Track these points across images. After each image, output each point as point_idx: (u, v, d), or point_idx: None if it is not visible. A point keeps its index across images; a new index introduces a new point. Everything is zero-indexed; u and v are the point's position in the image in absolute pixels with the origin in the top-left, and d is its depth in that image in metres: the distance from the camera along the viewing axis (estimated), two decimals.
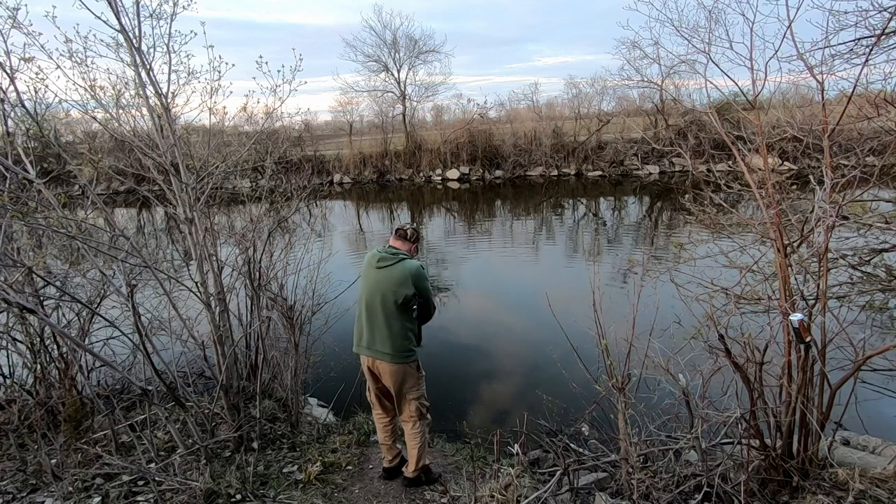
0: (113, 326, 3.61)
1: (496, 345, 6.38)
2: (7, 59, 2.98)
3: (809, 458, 2.64)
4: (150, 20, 3.13)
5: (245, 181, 5.49)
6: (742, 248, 3.51)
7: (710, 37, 3.06)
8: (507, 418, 4.52)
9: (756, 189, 2.80)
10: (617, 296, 3.21)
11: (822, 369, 2.52)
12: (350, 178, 24.16)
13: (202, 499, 2.79)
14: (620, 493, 2.87)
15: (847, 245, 3.61)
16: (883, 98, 2.95)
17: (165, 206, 3.60)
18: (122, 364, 3.84)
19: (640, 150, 21.63)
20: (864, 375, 2.77)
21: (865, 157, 3.21)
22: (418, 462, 3.13)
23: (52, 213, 2.99)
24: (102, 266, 3.37)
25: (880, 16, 3.06)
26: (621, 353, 2.82)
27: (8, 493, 2.91)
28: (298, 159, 20.71)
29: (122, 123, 3.40)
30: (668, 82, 17.76)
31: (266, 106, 3.93)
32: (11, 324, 3.76)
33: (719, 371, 2.71)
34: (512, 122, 24.51)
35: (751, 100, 2.91)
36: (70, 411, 3.54)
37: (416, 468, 3.15)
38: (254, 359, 4.20)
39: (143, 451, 3.13)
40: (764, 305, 3.23)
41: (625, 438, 2.84)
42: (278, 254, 4.41)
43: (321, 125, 29.78)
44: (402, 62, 24.90)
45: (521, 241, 12.19)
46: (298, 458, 3.52)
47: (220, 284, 3.59)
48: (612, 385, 2.80)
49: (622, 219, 14.70)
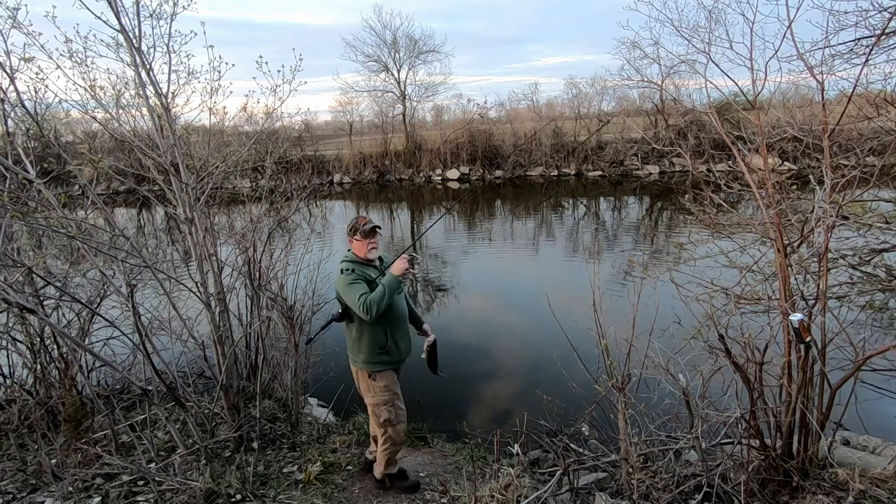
0: (113, 326, 3.61)
1: (496, 345, 6.38)
2: (7, 59, 2.98)
3: (809, 458, 2.64)
4: (150, 20, 3.13)
5: (245, 181, 5.49)
6: (742, 248, 3.51)
7: (710, 37, 3.06)
8: (507, 418, 4.52)
9: (756, 189, 2.80)
10: (617, 296, 3.20)
11: (822, 369, 2.52)
12: (350, 178, 24.16)
13: (202, 499, 2.79)
14: (620, 493, 2.87)
15: (847, 245, 3.61)
16: (883, 98, 2.95)
17: (165, 206, 3.60)
18: (122, 364, 3.85)
19: (640, 150, 21.63)
20: (864, 375, 2.77)
21: (865, 157, 3.21)
22: (383, 466, 3.16)
23: (52, 213, 2.99)
24: (102, 266, 3.37)
25: (880, 16, 3.06)
26: (621, 353, 2.82)
27: (8, 493, 2.91)
28: (298, 159, 20.70)
29: (122, 123, 3.40)
30: (668, 82, 17.77)
31: (266, 106, 3.93)
32: (11, 324, 3.76)
33: (719, 371, 2.71)
34: (512, 122, 24.51)
35: (751, 100, 2.91)
36: (70, 411, 3.54)
37: (381, 472, 3.19)
38: (254, 359, 4.20)
39: (143, 451, 3.13)
40: (764, 305, 3.23)
41: (625, 438, 2.84)
42: (278, 254, 4.41)
43: (321, 125, 29.81)
44: (402, 62, 24.92)
45: (521, 241, 12.19)
46: (298, 458, 3.52)
47: (220, 284, 3.59)
48: (612, 385, 2.80)
49: (622, 219, 14.69)
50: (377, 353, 2.90)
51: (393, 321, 2.93)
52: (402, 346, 3.00)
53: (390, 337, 2.92)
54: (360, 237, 2.88)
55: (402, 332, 3.01)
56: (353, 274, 2.81)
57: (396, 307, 2.94)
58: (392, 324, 2.92)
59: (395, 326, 2.94)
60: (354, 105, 26.62)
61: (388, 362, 2.95)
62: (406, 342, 3.04)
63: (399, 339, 2.97)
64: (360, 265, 2.90)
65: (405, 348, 3.04)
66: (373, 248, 2.93)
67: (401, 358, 3.03)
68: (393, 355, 2.95)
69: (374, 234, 2.92)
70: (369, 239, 2.90)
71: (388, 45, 24.78)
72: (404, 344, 3.02)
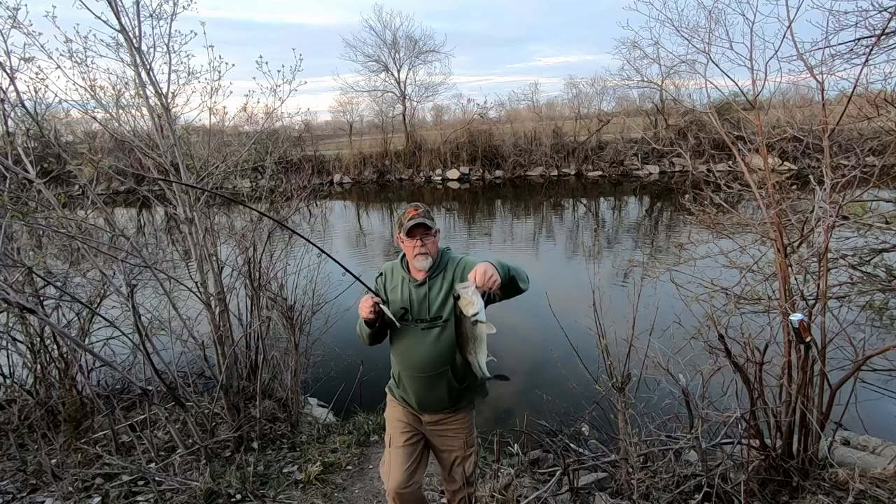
0: (113, 326, 3.61)
1: (496, 344, 6.36)
2: (7, 59, 2.99)
3: (809, 458, 2.64)
4: (150, 20, 3.14)
5: (245, 181, 5.49)
6: (742, 248, 3.50)
7: (710, 37, 3.06)
8: (508, 418, 4.52)
9: (756, 189, 2.80)
10: (617, 296, 3.19)
11: (822, 369, 2.52)
12: (350, 178, 24.16)
13: (202, 499, 2.79)
14: (620, 493, 2.87)
15: (847, 245, 3.60)
16: (883, 98, 2.94)
17: (165, 206, 3.60)
18: (122, 364, 3.84)
19: (640, 150, 21.63)
20: (864, 375, 2.77)
21: (865, 157, 3.20)
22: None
23: (52, 213, 2.99)
24: (102, 266, 3.37)
25: (880, 16, 3.06)
26: (621, 353, 2.82)
27: (8, 493, 2.91)
28: (298, 159, 20.69)
29: (122, 123, 3.40)
30: (668, 82, 17.74)
31: (266, 106, 3.94)
32: (11, 324, 3.76)
33: (719, 371, 2.71)
34: (512, 122, 24.53)
35: (751, 100, 2.91)
36: (70, 411, 3.54)
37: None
38: (254, 359, 4.20)
39: (143, 451, 3.13)
40: (764, 305, 3.23)
41: (625, 438, 2.84)
42: (278, 254, 4.42)
43: (321, 125, 29.87)
44: (402, 62, 24.97)
45: (521, 240, 12.18)
46: (298, 458, 3.52)
47: (220, 284, 3.59)
48: (612, 385, 2.80)
49: (622, 219, 14.69)
50: (393, 380, 2.24)
51: (402, 365, 2.12)
52: (412, 393, 2.12)
53: (399, 379, 2.17)
54: (403, 236, 2.03)
55: (422, 383, 2.08)
56: (375, 282, 2.15)
57: (412, 349, 2.06)
58: (401, 367, 2.13)
59: (405, 372, 2.12)
60: (354, 105, 26.72)
61: (399, 397, 2.21)
62: (429, 400, 2.11)
63: (411, 388, 2.12)
64: (395, 274, 2.13)
65: (423, 403, 2.12)
66: (420, 253, 2.02)
67: (410, 404, 2.17)
68: (401, 391, 2.19)
69: (419, 231, 2.01)
70: (413, 240, 2.01)
71: (388, 45, 24.86)
72: (418, 395, 2.11)
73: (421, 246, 2.01)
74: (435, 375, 2.04)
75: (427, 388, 2.08)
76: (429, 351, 2.02)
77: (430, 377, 2.05)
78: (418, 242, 2.01)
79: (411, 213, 2.02)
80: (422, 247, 2.01)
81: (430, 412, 2.14)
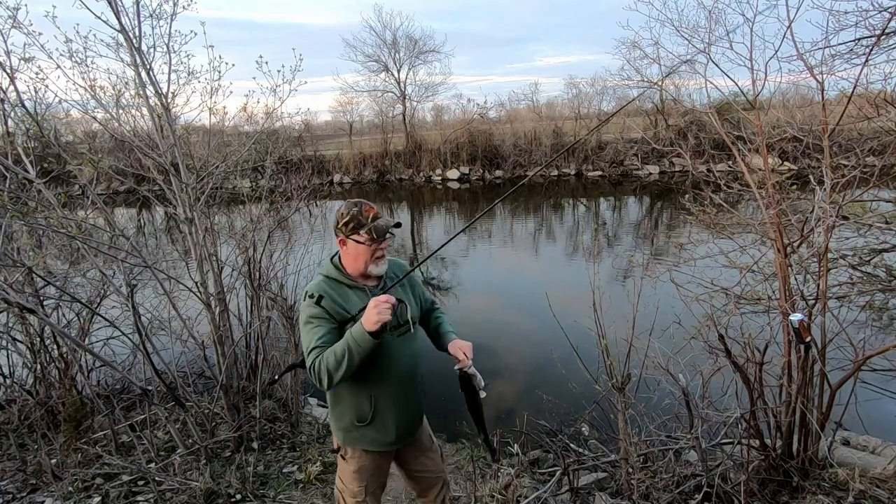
0: (113, 326, 3.61)
1: (496, 344, 6.38)
2: (7, 59, 2.99)
3: (809, 458, 2.64)
4: (150, 20, 3.13)
5: (245, 181, 5.49)
6: (742, 248, 3.50)
7: (710, 37, 3.06)
8: (508, 418, 4.52)
9: (756, 189, 2.80)
10: (617, 296, 3.18)
11: (822, 369, 2.52)
12: (350, 178, 24.16)
13: (202, 499, 2.79)
14: (620, 493, 2.87)
15: (847, 245, 3.61)
16: (883, 98, 2.94)
17: (165, 206, 3.60)
18: (122, 364, 3.84)
19: (640, 150, 21.64)
20: (864, 375, 2.77)
21: (865, 157, 3.21)
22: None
23: (52, 213, 2.99)
24: (102, 266, 3.37)
25: (880, 16, 3.06)
26: (621, 353, 2.82)
27: (8, 493, 2.91)
28: (298, 159, 20.69)
29: (122, 123, 3.40)
30: (668, 82, 17.76)
31: (266, 106, 3.94)
32: (11, 324, 3.76)
33: (719, 371, 2.71)
34: (512, 122, 24.53)
35: (751, 100, 2.91)
36: (70, 411, 3.54)
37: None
38: (254, 359, 4.21)
39: (143, 451, 3.13)
40: (764, 305, 3.23)
41: (625, 438, 2.84)
42: (278, 254, 4.41)
43: (321, 125, 29.84)
44: (402, 62, 24.93)
45: (521, 241, 12.19)
46: (298, 458, 3.52)
47: (220, 284, 3.59)
48: (612, 385, 2.80)
49: (622, 219, 14.69)
50: (355, 425, 1.86)
51: (382, 382, 1.83)
52: (395, 422, 1.88)
53: (374, 405, 1.83)
54: (363, 237, 1.75)
55: (402, 398, 1.89)
56: (319, 307, 1.72)
57: (394, 359, 1.83)
58: (380, 386, 1.83)
59: (385, 390, 1.84)
60: (354, 105, 26.71)
61: (371, 441, 1.88)
62: (408, 415, 1.93)
63: (390, 410, 1.85)
64: (339, 288, 1.80)
65: (403, 425, 1.91)
66: (381, 256, 1.81)
67: (392, 440, 1.90)
68: (379, 433, 1.87)
69: (388, 235, 1.79)
70: (378, 242, 1.77)
71: (388, 45, 24.82)
72: (402, 418, 1.90)
73: (384, 249, 1.81)
74: (416, 382, 1.95)
75: (406, 401, 1.91)
76: (409, 356, 1.89)
77: (412, 385, 1.93)
78: (384, 245, 1.81)
79: (372, 212, 1.78)
80: (384, 251, 1.82)
81: (406, 435, 1.97)
